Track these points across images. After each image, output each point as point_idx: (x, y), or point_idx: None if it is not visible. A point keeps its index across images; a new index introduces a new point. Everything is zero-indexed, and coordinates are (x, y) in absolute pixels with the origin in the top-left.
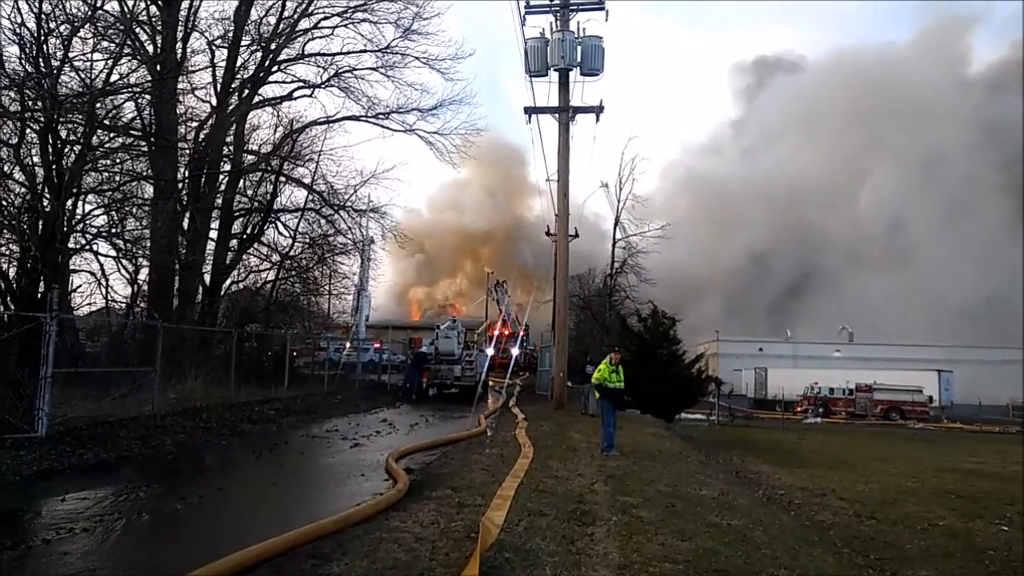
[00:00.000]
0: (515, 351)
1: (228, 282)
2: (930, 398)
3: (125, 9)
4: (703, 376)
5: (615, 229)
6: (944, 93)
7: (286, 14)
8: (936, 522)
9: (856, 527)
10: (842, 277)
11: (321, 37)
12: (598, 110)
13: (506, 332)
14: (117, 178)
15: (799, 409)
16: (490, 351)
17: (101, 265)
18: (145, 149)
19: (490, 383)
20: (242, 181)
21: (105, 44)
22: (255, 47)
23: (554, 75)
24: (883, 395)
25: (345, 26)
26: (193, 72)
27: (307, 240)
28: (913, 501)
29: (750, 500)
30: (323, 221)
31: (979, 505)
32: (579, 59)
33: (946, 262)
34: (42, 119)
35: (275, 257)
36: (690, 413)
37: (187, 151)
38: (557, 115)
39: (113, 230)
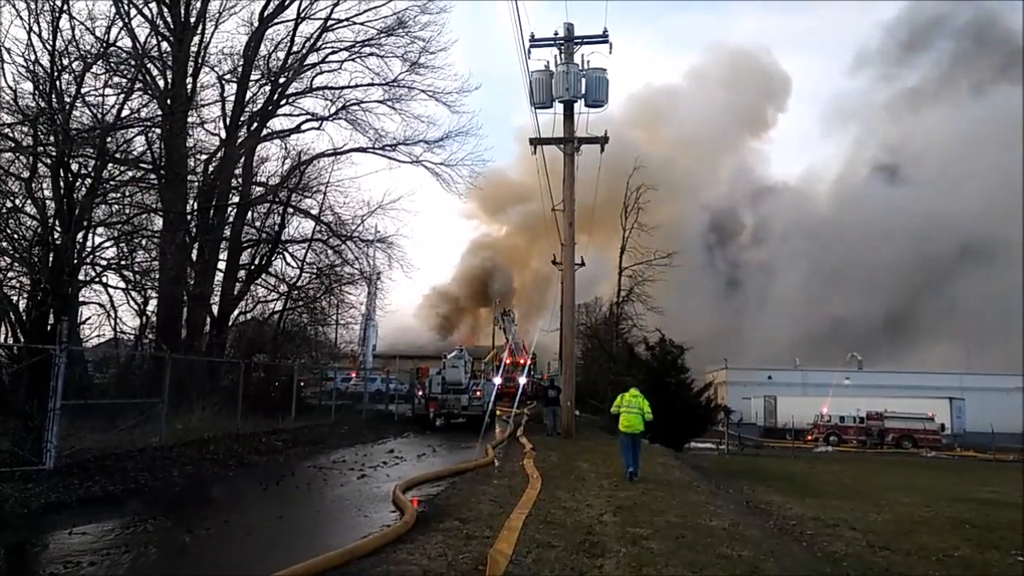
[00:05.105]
0: (522, 380)
1: (236, 313)
2: (942, 426)
3: (137, 45)
4: (712, 405)
5: (621, 257)
6: None
7: (295, 49)
8: (951, 553)
9: (870, 558)
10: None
11: (329, 71)
12: (603, 140)
13: (520, 360)
14: (127, 211)
15: (810, 438)
16: (497, 380)
17: (110, 297)
18: (155, 182)
19: (498, 412)
20: (250, 213)
21: (117, 79)
22: (264, 81)
23: (558, 106)
24: (895, 423)
25: (353, 60)
26: (203, 106)
27: (314, 270)
28: (927, 531)
29: (761, 531)
30: (330, 251)
31: (995, 535)
32: (583, 91)
33: None
34: (54, 153)
35: (283, 287)
36: (699, 442)
37: (196, 184)
38: (562, 146)
39: (123, 262)
